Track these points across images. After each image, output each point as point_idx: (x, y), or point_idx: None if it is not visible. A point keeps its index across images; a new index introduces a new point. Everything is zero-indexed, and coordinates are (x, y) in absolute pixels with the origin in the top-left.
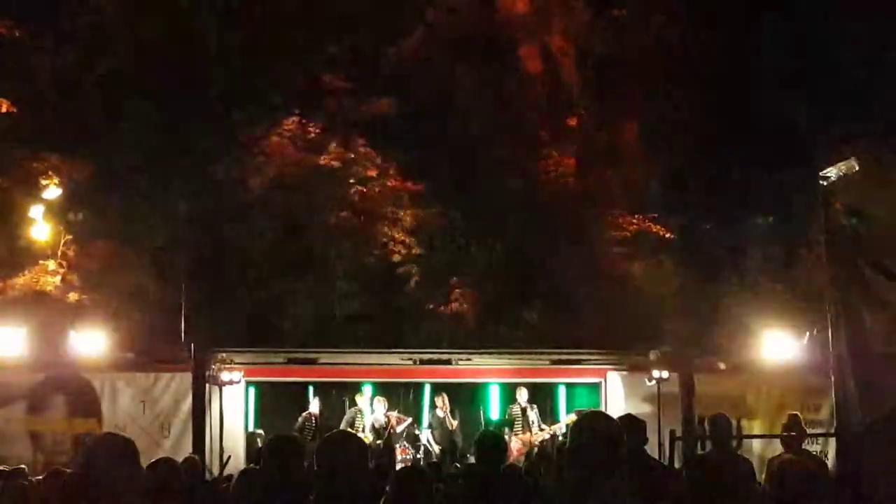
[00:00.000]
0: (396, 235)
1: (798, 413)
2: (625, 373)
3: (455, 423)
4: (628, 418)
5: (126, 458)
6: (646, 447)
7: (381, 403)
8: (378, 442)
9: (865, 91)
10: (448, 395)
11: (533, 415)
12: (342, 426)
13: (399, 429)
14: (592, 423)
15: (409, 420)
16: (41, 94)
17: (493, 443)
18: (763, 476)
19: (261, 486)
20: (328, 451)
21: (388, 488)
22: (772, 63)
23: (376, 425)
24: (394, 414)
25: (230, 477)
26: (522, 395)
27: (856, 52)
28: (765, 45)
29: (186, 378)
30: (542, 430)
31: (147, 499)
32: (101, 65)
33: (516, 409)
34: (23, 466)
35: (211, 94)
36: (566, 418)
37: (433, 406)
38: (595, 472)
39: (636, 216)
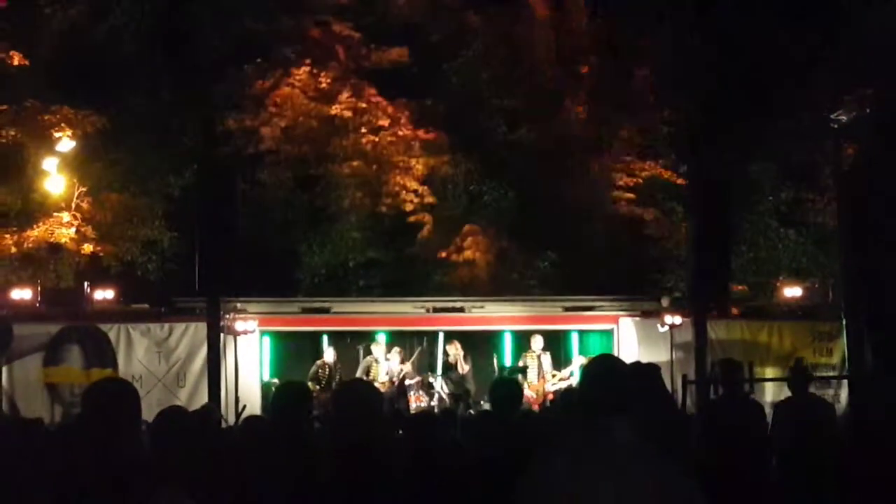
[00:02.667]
0: (409, 184)
1: (804, 357)
2: (638, 319)
3: (467, 367)
4: (638, 364)
5: (123, 403)
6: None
7: (396, 354)
8: (393, 381)
9: (877, 34)
10: (461, 343)
11: (546, 362)
12: (358, 374)
13: (408, 382)
14: (601, 367)
15: (419, 379)
16: (53, 46)
17: (508, 389)
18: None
19: (267, 432)
20: (343, 397)
21: (402, 434)
22: (784, 7)
23: (390, 374)
24: (407, 366)
25: None
26: (537, 343)
27: None
28: None
29: (201, 328)
30: (553, 376)
31: (154, 445)
32: (112, 16)
33: (531, 357)
34: (40, 417)
35: (222, 44)
36: (579, 360)
37: (445, 353)
38: (604, 415)
39: (647, 162)
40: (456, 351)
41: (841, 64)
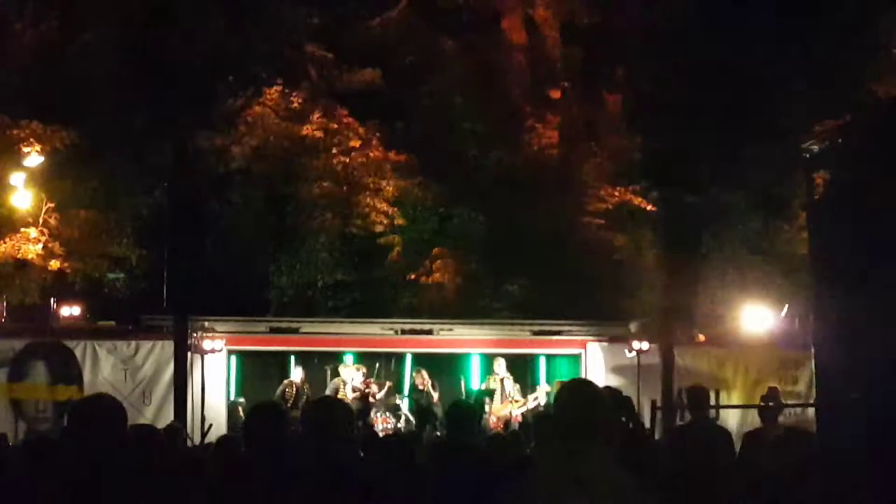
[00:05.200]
0: (378, 206)
1: (776, 385)
2: (605, 344)
3: (436, 395)
4: (609, 390)
5: (112, 420)
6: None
7: (359, 372)
8: (357, 397)
9: (849, 63)
10: (429, 366)
11: (510, 385)
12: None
13: (379, 395)
14: (576, 392)
15: (388, 384)
16: (23, 62)
17: (464, 413)
18: (739, 447)
19: (240, 452)
20: (314, 415)
21: (369, 457)
22: (756, 35)
23: (354, 390)
24: (372, 380)
25: (210, 445)
26: (500, 366)
27: (841, 22)
28: (749, 17)
29: (168, 346)
30: (515, 401)
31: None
32: (83, 33)
33: (495, 381)
34: (4, 433)
35: (194, 62)
36: (545, 387)
37: (413, 382)
38: (579, 440)
39: (618, 188)
40: (423, 380)
41: (812, 94)
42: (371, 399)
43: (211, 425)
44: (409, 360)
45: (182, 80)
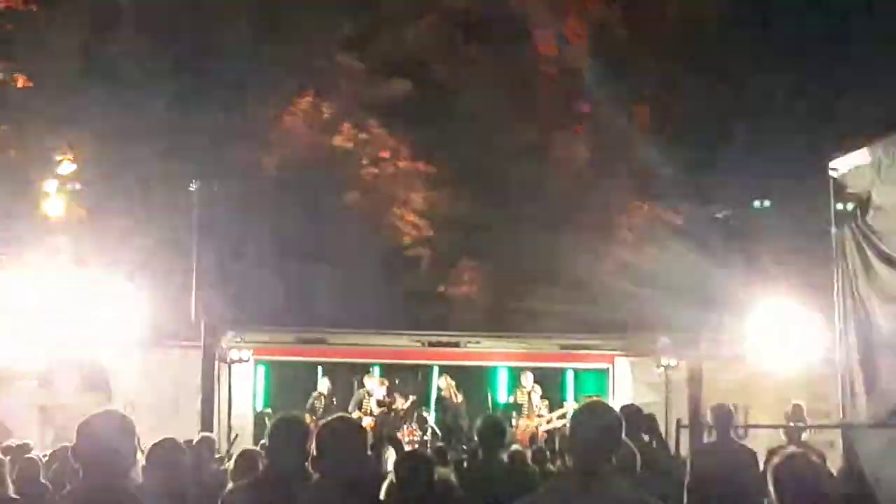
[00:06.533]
0: (407, 217)
1: (801, 404)
2: (633, 359)
3: (460, 397)
4: (630, 407)
5: (120, 435)
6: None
7: (383, 386)
8: (382, 410)
9: (879, 81)
10: (457, 379)
11: (537, 399)
12: (350, 407)
13: (404, 407)
14: (590, 413)
15: (412, 398)
16: (56, 69)
17: (493, 428)
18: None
19: (262, 466)
20: (327, 436)
21: (391, 473)
22: (787, 51)
23: (379, 403)
24: (398, 399)
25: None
26: (528, 380)
27: (870, 41)
28: (781, 33)
29: (196, 356)
30: (540, 416)
31: (148, 477)
32: (115, 42)
33: (522, 394)
34: (28, 441)
35: (226, 73)
36: (572, 404)
37: (439, 388)
38: (593, 461)
39: (646, 202)
40: (447, 383)
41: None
42: (394, 412)
43: (237, 435)
44: (436, 372)
45: (213, 91)
